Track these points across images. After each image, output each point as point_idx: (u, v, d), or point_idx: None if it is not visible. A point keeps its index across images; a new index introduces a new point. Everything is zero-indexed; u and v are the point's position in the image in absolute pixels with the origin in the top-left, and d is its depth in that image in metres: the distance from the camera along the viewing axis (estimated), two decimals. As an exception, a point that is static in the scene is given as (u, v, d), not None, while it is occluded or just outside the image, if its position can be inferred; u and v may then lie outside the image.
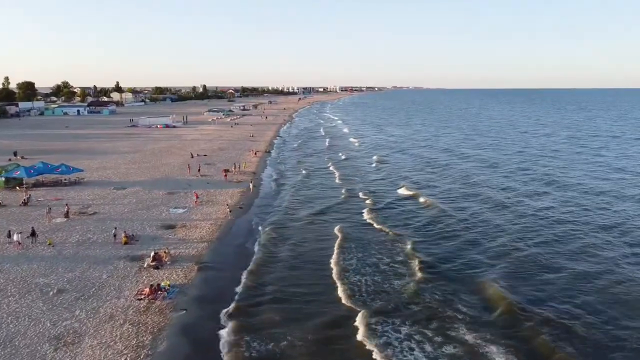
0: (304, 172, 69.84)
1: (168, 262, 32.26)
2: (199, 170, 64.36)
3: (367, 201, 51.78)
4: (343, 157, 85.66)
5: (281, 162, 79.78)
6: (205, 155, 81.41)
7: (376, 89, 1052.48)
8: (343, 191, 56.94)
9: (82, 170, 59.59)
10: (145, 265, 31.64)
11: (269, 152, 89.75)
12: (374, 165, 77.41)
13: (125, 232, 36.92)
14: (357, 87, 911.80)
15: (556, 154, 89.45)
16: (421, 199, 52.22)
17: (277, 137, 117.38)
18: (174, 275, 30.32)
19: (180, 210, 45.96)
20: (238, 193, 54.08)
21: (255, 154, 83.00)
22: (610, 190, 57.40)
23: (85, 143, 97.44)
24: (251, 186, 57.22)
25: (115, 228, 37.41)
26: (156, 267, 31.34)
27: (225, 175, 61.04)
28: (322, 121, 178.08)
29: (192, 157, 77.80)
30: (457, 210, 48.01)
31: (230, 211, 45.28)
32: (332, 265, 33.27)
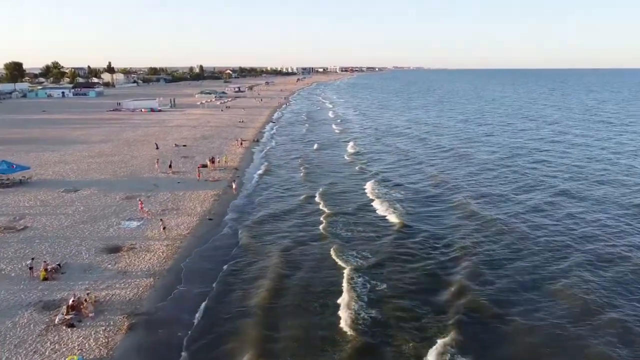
0: (262, 167, 60.62)
1: (91, 314, 23.27)
2: (169, 166, 54.89)
3: (323, 207, 42.42)
4: (315, 146, 75.61)
5: (267, 154, 70.11)
6: (184, 145, 72.06)
7: (377, 69, 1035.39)
8: (303, 192, 47.94)
9: (27, 168, 50.25)
10: (57, 321, 22.67)
11: (258, 141, 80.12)
12: (347, 158, 67.13)
13: (45, 262, 27.87)
14: (357, 68, 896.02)
15: (560, 147, 75.75)
16: (386, 208, 42.01)
17: (270, 123, 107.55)
18: (91, 341, 21.29)
19: (135, 224, 36.84)
20: (212, 197, 44.88)
21: (241, 144, 73.44)
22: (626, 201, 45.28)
23: (55, 130, 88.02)
24: (234, 186, 47.99)
25: (33, 259, 28.25)
26: (71, 325, 22.36)
27: (199, 174, 51.51)
28: (311, 104, 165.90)
29: (158, 148, 68.20)
30: (426, 223, 38.44)
31: (164, 228, 34.97)
32: (254, 336, 22.70)
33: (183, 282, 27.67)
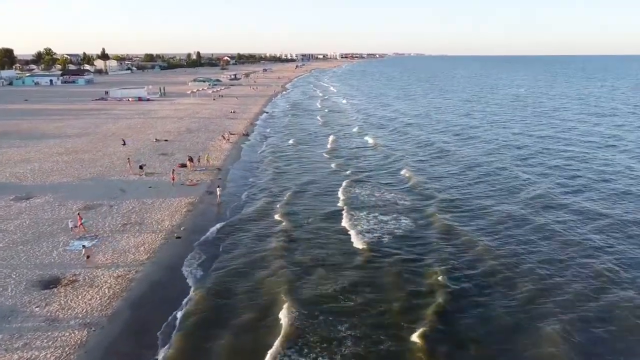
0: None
1: (-14, 396, 16.99)
2: (141, 167, 48.17)
3: (282, 223, 35.66)
4: (291, 142, 69.02)
5: (254, 151, 63.11)
6: (165, 140, 65.40)
7: (377, 55, 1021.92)
8: (274, 199, 41.59)
9: (-26, 172, 43.81)
10: None
11: (248, 134, 73.27)
12: (327, 155, 60.18)
13: (-52, 309, 21.53)
14: (357, 54, 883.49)
15: (558, 144, 68.38)
16: (355, 223, 35.43)
17: (263, 113, 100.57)
18: None
19: (86, 244, 30.38)
20: (185, 206, 38.34)
21: (229, 138, 66.68)
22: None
23: (31, 122, 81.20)
24: (218, 193, 40.92)
25: None
26: (-49, 415, 16.08)
27: (173, 177, 44.77)
28: (305, 93, 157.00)
29: (124, 144, 61.51)
30: (398, 244, 31.88)
31: (87, 257, 27.93)
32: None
33: (123, 336, 21.23)
